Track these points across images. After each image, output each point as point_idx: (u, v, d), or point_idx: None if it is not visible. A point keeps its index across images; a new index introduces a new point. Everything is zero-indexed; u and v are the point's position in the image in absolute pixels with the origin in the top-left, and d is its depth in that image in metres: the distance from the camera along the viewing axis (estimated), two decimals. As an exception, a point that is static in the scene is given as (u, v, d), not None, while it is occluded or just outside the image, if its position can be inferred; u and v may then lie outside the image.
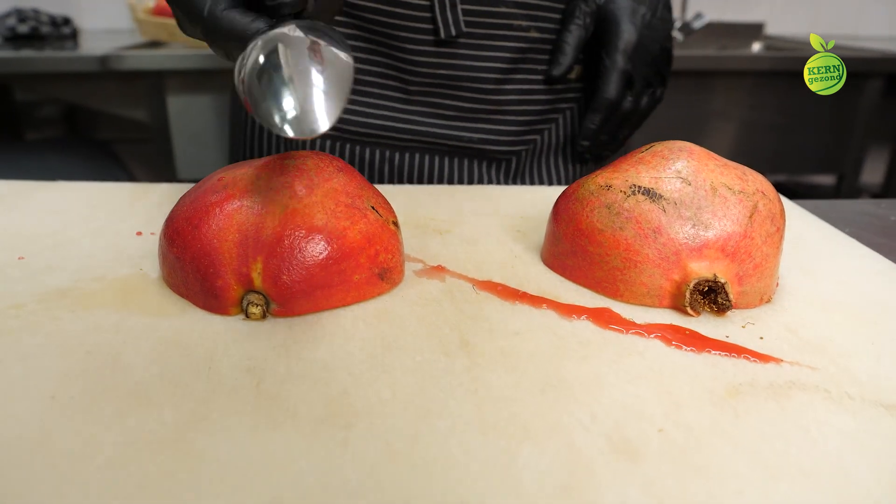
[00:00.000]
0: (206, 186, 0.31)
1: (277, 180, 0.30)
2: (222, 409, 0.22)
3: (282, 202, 0.29)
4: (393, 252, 0.31)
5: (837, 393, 0.25)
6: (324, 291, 0.29)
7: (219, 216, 0.29)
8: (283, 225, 0.28)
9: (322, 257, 0.28)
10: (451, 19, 0.48)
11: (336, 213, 0.29)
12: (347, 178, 0.32)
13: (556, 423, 0.22)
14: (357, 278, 0.30)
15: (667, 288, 0.30)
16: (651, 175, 0.31)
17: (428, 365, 0.26)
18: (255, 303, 0.28)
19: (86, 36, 1.72)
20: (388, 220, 0.32)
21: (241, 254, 0.28)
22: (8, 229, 0.38)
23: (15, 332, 0.27)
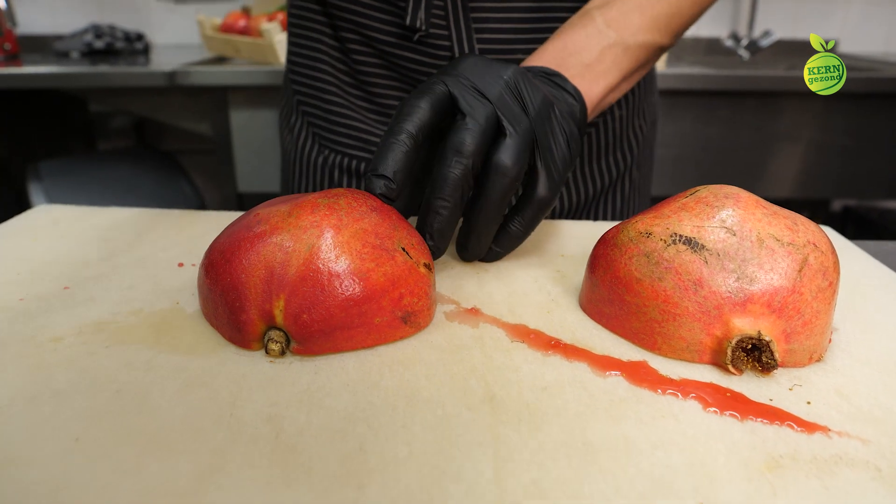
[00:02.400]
0: (244, 221, 0.31)
1: (307, 219, 0.30)
2: (239, 460, 0.22)
3: (308, 241, 0.29)
4: (419, 295, 0.31)
5: (889, 472, 0.23)
6: (344, 332, 0.29)
7: (249, 251, 0.29)
8: (306, 264, 0.28)
9: (343, 298, 0.28)
10: None
11: (362, 254, 0.29)
12: (380, 217, 0.31)
13: (576, 493, 0.21)
14: (379, 321, 0.29)
15: (707, 344, 0.29)
16: (694, 223, 0.30)
17: (449, 420, 0.25)
18: (275, 339, 0.29)
19: (157, 51, 1.80)
20: (419, 263, 0.31)
21: (266, 290, 0.28)
22: (59, 257, 0.39)
23: (51, 366, 0.28)
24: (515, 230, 0.38)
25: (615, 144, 0.59)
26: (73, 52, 1.68)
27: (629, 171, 0.62)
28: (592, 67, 0.42)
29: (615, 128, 0.59)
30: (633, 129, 0.61)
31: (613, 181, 0.61)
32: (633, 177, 0.62)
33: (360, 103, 0.57)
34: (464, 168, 0.34)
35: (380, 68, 0.55)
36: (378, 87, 0.56)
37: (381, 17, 0.52)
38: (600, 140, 0.58)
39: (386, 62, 0.54)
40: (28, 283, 0.36)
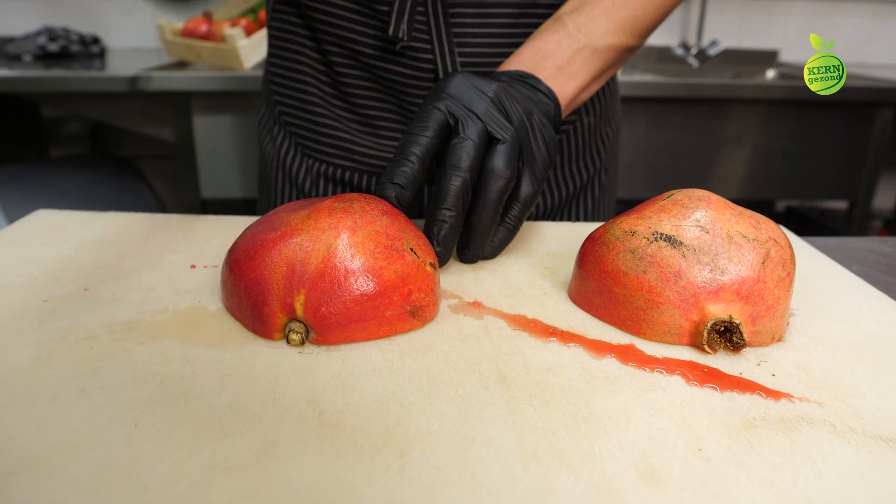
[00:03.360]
0: (265, 224, 0.34)
1: (325, 221, 0.33)
2: (290, 437, 0.25)
3: (326, 241, 0.32)
4: (426, 292, 0.34)
5: (842, 427, 0.27)
6: (358, 324, 0.32)
7: (271, 251, 0.32)
8: (325, 262, 0.31)
9: (358, 293, 0.31)
10: None
11: (375, 254, 0.32)
12: (391, 220, 0.34)
13: (588, 453, 0.25)
14: (389, 314, 0.32)
15: (686, 327, 0.33)
16: (672, 223, 0.34)
17: (470, 398, 0.28)
18: (295, 330, 0.31)
19: (113, 54, 1.78)
20: (426, 262, 0.34)
21: (287, 286, 0.31)
22: (72, 260, 0.41)
23: (92, 362, 0.30)
24: (507, 227, 0.42)
25: (585, 150, 0.64)
26: (26, 56, 1.64)
27: (598, 175, 0.66)
28: (564, 69, 0.46)
29: (584, 134, 0.63)
30: (600, 135, 0.65)
31: (584, 184, 0.65)
32: (601, 180, 0.67)
33: (343, 114, 0.60)
34: (463, 181, 0.38)
35: (363, 80, 0.57)
36: (361, 99, 0.58)
37: (365, 31, 0.55)
38: (571, 146, 0.63)
39: (369, 74, 0.57)
40: (47, 285, 0.37)
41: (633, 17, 0.48)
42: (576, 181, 0.64)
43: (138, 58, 1.70)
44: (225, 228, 0.47)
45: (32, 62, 1.60)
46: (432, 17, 0.53)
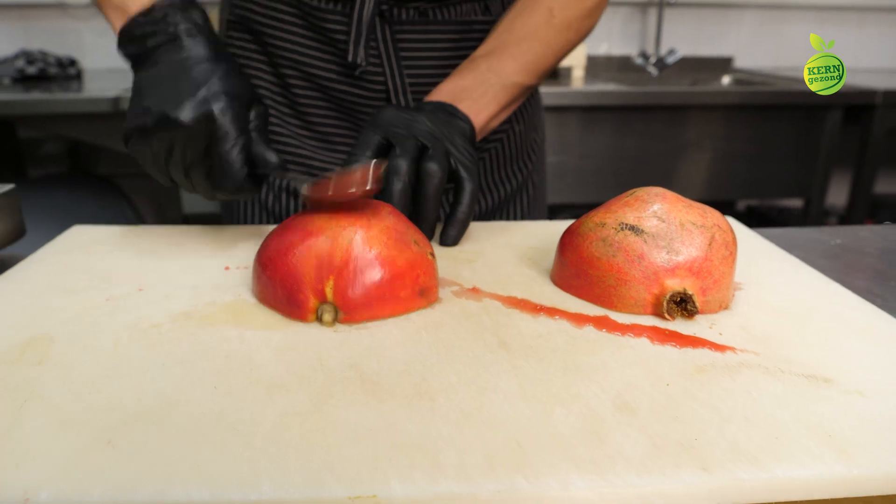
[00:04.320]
0: (290, 226, 0.40)
1: (344, 220, 0.39)
2: (341, 392, 0.32)
3: (347, 237, 0.38)
4: (430, 276, 0.41)
5: (773, 369, 0.35)
6: (379, 304, 0.38)
7: (301, 247, 0.38)
8: (348, 253, 0.38)
9: (378, 278, 0.38)
10: (402, 102, 0.63)
11: (388, 245, 0.39)
12: (396, 219, 0.41)
13: (576, 394, 0.32)
14: (403, 294, 0.39)
15: (649, 300, 0.40)
16: (635, 215, 0.41)
17: (478, 359, 0.35)
18: (328, 311, 0.38)
19: (90, 75, 1.81)
20: (426, 252, 0.41)
21: (318, 275, 0.38)
22: (119, 266, 0.47)
23: (164, 343, 0.36)
24: (461, 216, 0.51)
25: (518, 154, 0.73)
26: (5, 79, 1.66)
27: (531, 176, 0.75)
28: (478, 101, 0.57)
29: (517, 140, 0.72)
30: (529, 141, 0.75)
31: (520, 185, 0.74)
32: (534, 182, 0.76)
33: (300, 132, 0.66)
34: (403, 184, 0.47)
35: (319, 100, 0.65)
36: (317, 117, 0.66)
37: (322, 56, 0.63)
38: (506, 151, 0.71)
39: (325, 95, 0.64)
40: (105, 287, 0.43)
41: (534, 61, 0.60)
42: (512, 183, 0.72)
43: (115, 78, 1.73)
44: (247, 235, 0.53)
45: (11, 85, 1.63)
46: (381, 42, 0.62)
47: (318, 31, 0.61)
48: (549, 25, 0.60)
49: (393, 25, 0.62)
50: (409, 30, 0.62)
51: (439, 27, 0.63)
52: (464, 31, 0.64)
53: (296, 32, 0.62)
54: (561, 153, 1.65)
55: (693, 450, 0.28)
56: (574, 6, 0.61)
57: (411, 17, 0.62)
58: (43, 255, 0.49)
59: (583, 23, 0.63)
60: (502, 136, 0.70)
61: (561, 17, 0.61)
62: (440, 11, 0.63)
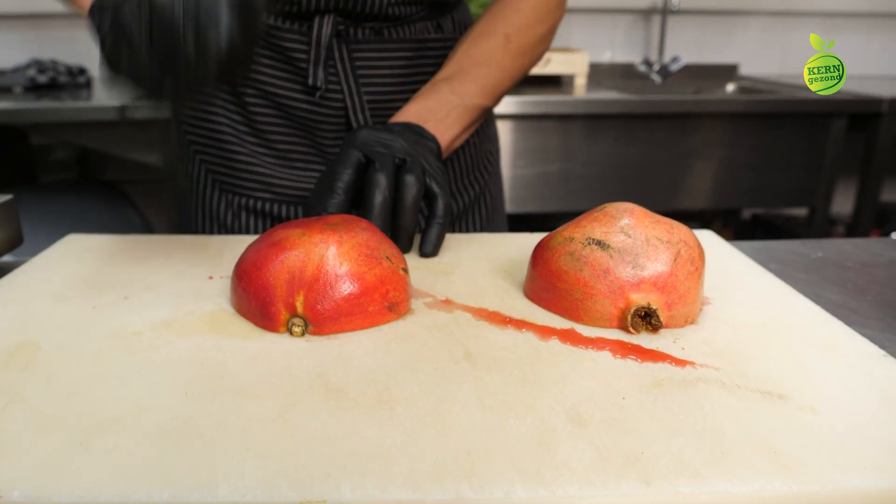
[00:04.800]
0: (267, 240, 0.42)
1: (317, 236, 0.41)
2: (305, 400, 0.33)
3: (319, 252, 0.40)
4: (400, 291, 0.42)
5: (730, 384, 0.36)
6: (347, 318, 0.40)
7: (274, 261, 0.40)
8: (319, 269, 0.39)
9: (346, 293, 0.39)
10: (361, 119, 0.65)
11: (358, 261, 0.40)
12: (369, 235, 0.43)
13: (531, 405, 0.33)
14: (372, 309, 0.41)
15: (615, 314, 0.41)
16: (602, 230, 0.42)
17: (442, 370, 0.36)
18: (297, 324, 0.39)
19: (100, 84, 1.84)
20: (398, 267, 0.42)
21: (289, 289, 0.39)
22: (108, 275, 0.49)
23: (143, 351, 0.38)
24: (437, 226, 0.53)
25: (474, 165, 0.75)
26: (17, 87, 1.70)
27: (487, 188, 0.77)
28: (443, 121, 0.60)
29: (472, 152, 0.75)
30: (485, 153, 0.77)
31: (477, 195, 0.75)
32: (491, 192, 0.78)
33: (258, 149, 0.67)
34: (384, 196, 0.50)
35: (277, 118, 0.66)
36: (276, 135, 0.67)
37: (280, 76, 0.64)
38: (461, 162, 0.74)
39: (283, 113, 0.66)
40: (93, 295, 0.45)
41: (493, 85, 0.64)
42: (470, 193, 0.74)
43: (125, 86, 1.75)
44: (233, 245, 0.55)
45: (23, 93, 1.67)
46: (339, 62, 0.64)
47: (276, 49, 0.63)
48: (506, 51, 0.64)
49: (350, 45, 0.64)
50: (365, 48, 0.64)
51: (394, 45, 0.65)
52: (418, 49, 0.66)
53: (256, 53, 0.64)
54: (565, 161, 1.66)
55: (638, 462, 0.29)
56: (528, 33, 0.65)
57: (367, 36, 0.64)
58: (36, 264, 0.51)
59: (536, 48, 0.67)
60: (458, 149, 0.73)
61: (516, 42, 0.64)
62: (395, 30, 0.65)
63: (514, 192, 1.65)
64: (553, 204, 1.68)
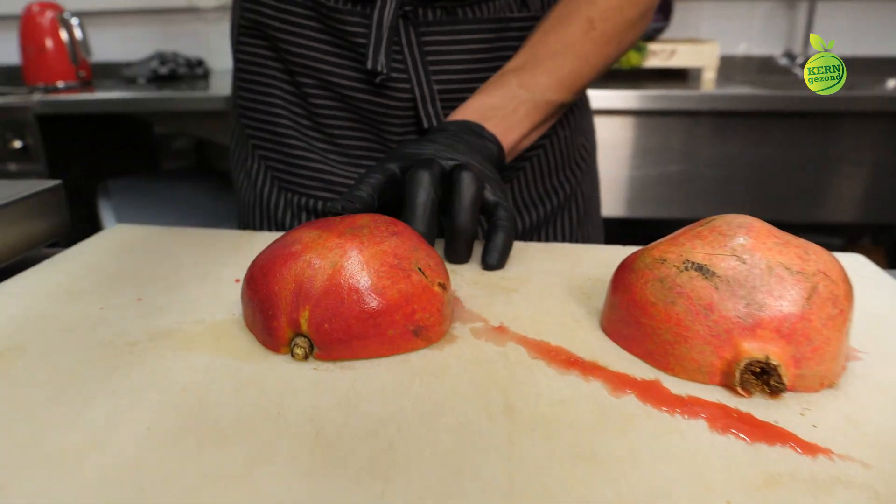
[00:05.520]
0: (282, 241, 0.35)
1: (334, 240, 0.33)
2: (284, 452, 0.26)
3: (333, 259, 0.32)
4: (432, 312, 0.34)
5: (888, 495, 0.24)
6: (360, 341, 0.32)
7: (283, 267, 0.33)
8: (329, 280, 0.32)
9: (359, 311, 0.32)
10: (432, 112, 0.56)
11: (379, 273, 0.32)
12: (400, 241, 0.35)
13: (580, 498, 0.24)
14: (391, 333, 0.33)
15: (717, 365, 0.31)
16: (706, 251, 0.32)
17: (469, 426, 0.28)
18: (299, 345, 0.32)
19: (216, 76, 1.90)
20: (434, 282, 0.34)
21: (294, 301, 0.32)
22: (133, 271, 0.44)
23: (128, 366, 0.32)
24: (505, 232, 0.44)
25: (564, 163, 0.64)
26: (140, 78, 1.78)
27: (579, 190, 0.66)
28: (508, 119, 0.51)
29: (561, 147, 0.63)
30: (577, 148, 0.66)
31: (567, 198, 0.65)
32: (583, 194, 0.67)
33: (320, 145, 0.60)
34: (428, 195, 0.42)
35: (339, 111, 0.58)
36: (338, 129, 0.59)
37: (340, 63, 0.56)
38: (549, 160, 0.63)
39: (346, 105, 0.58)
40: (107, 294, 0.40)
41: (570, 77, 0.54)
42: (558, 195, 0.64)
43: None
44: (278, 242, 0.49)
45: (146, 84, 1.75)
46: (406, 46, 0.55)
47: (337, 34, 0.56)
48: (588, 38, 0.54)
49: (418, 27, 0.56)
50: (436, 31, 0.56)
51: (470, 27, 0.56)
52: (498, 31, 0.57)
53: (312, 37, 0.57)
54: (685, 162, 1.50)
55: None
56: (616, 17, 0.54)
57: (438, 17, 0.56)
58: (69, 255, 0.48)
59: (625, 36, 0.56)
60: (545, 143, 0.62)
61: (601, 29, 0.54)
62: (470, 9, 0.56)
63: (630, 195, 1.52)
64: (672, 209, 1.53)
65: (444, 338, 0.35)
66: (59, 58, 1.66)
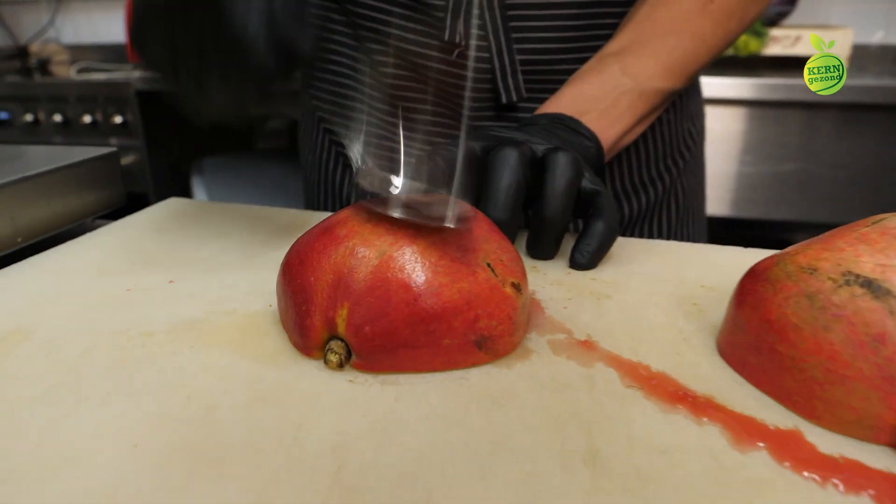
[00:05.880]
0: (326, 222, 0.29)
1: (383, 226, 0.27)
2: (293, 492, 0.20)
3: (381, 248, 0.26)
4: (500, 319, 0.27)
5: None
6: (408, 351, 0.26)
7: (322, 254, 0.27)
8: (375, 273, 0.26)
9: (409, 313, 0.25)
10: (512, 85, 0.49)
11: (436, 267, 0.26)
12: (469, 228, 0.28)
13: None
14: (448, 343, 0.26)
15: (888, 419, 0.22)
16: (877, 261, 0.23)
17: (538, 478, 0.21)
18: (334, 350, 0.26)
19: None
20: (506, 282, 0.27)
21: (332, 296, 0.26)
22: (174, 250, 0.40)
23: (135, 363, 0.27)
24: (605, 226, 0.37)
25: (667, 150, 0.55)
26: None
27: (679, 182, 0.57)
28: (608, 112, 0.44)
29: (665, 133, 0.54)
30: (682, 134, 0.56)
31: (667, 190, 0.56)
32: (684, 187, 0.57)
33: (387, 118, 0.55)
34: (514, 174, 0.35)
35: (411, 82, 0.52)
36: (410, 102, 0.53)
37: (417, 29, 0.50)
38: (650, 147, 0.54)
39: (420, 76, 0.52)
40: (140, 274, 0.36)
41: (682, 61, 0.46)
42: (656, 187, 0.55)
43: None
44: (335, 226, 0.44)
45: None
46: (487, 11, 0.48)
47: None
48: (705, 12, 0.46)
49: None
50: None
51: None
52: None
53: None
54: (804, 160, 1.35)
55: None
56: None
57: None
58: (111, 229, 0.44)
59: (748, 10, 0.47)
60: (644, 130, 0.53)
61: (720, 1, 0.45)
62: None
63: (737, 193, 1.38)
64: (784, 211, 1.38)
65: (515, 351, 0.28)
66: (162, 37, 1.70)
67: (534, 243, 0.38)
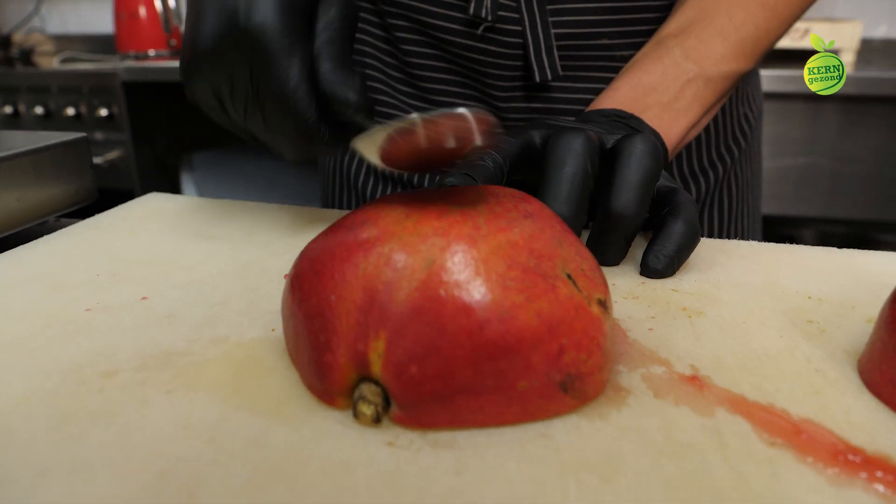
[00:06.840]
0: (346, 221, 0.22)
1: (431, 224, 0.20)
2: None
3: (428, 256, 0.19)
4: (590, 350, 0.20)
5: None
6: (470, 398, 0.19)
7: (345, 264, 0.20)
8: (422, 290, 0.18)
9: (471, 346, 0.18)
10: (546, 63, 0.43)
11: (506, 282, 0.19)
12: (539, 227, 0.21)
13: None
14: (524, 385, 0.19)
15: None
16: None
17: None
18: (367, 398, 0.19)
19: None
20: (591, 299, 0.20)
21: (362, 322, 0.19)
22: (150, 257, 0.32)
23: (88, 418, 0.20)
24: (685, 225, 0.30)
25: (721, 137, 0.49)
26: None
27: (734, 172, 0.51)
28: (671, 106, 0.38)
29: (719, 118, 0.49)
30: (739, 118, 0.51)
31: (720, 180, 0.50)
32: (737, 177, 0.51)
33: (412, 102, 0.49)
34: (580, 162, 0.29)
35: (436, 60, 0.47)
36: (432, 82, 0.47)
37: (441, 2, 0.44)
38: (700, 134, 0.48)
39: (443, 53, 0.46)
40: (105, 288, 0.29)
41: (754, 37, 0.40)
42: (708, 176, 0.49)
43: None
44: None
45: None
46: None
47: None
48: None
49: None
50: None
51: None
52: None
53: None
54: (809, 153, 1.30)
55: None
56: None
57: None
58: (76, 230, 0.36)
59: None
60: None
61: None
62: None
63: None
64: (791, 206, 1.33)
65: (605, 393, 0.21)
66: (151, 25, 1.62)
67: (600, 244, 0.31)
